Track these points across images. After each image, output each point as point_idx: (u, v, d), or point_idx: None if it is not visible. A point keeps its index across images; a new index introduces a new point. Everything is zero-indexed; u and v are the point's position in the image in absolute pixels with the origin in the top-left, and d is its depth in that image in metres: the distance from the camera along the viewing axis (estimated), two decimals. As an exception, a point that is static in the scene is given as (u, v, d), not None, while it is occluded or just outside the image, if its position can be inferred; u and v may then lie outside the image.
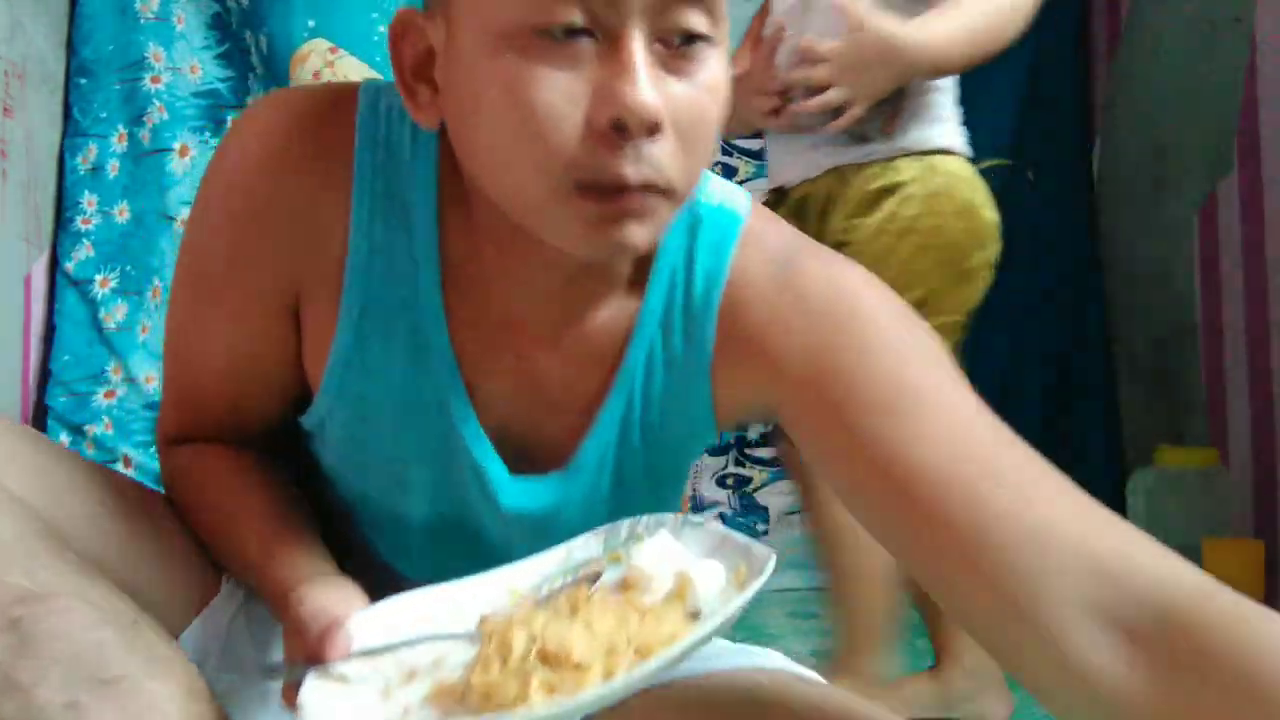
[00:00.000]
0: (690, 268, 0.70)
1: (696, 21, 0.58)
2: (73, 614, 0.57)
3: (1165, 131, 2.25)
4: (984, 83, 2.63)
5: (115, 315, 2.35)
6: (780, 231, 0.71)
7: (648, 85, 0.56)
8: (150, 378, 2.33)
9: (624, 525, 0.63)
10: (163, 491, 0.78)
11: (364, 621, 0.58)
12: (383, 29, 2.38)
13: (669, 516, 0.63)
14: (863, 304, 0.66)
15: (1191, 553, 1.85)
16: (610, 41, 0.57)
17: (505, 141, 0.58)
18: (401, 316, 0.68)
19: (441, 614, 0.59)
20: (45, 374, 2.32)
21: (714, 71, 0.60)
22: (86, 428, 2.29)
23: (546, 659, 0.51)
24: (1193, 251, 2.16)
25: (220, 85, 2.44)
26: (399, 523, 0.75)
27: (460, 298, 0.68)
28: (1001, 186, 2.54)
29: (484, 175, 0.62)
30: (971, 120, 2.54)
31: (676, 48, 0.58)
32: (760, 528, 2.40)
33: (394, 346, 0.68)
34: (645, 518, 0.64)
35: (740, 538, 0.60)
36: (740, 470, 2.45)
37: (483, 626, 0.55)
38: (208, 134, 2.44)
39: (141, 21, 2.40)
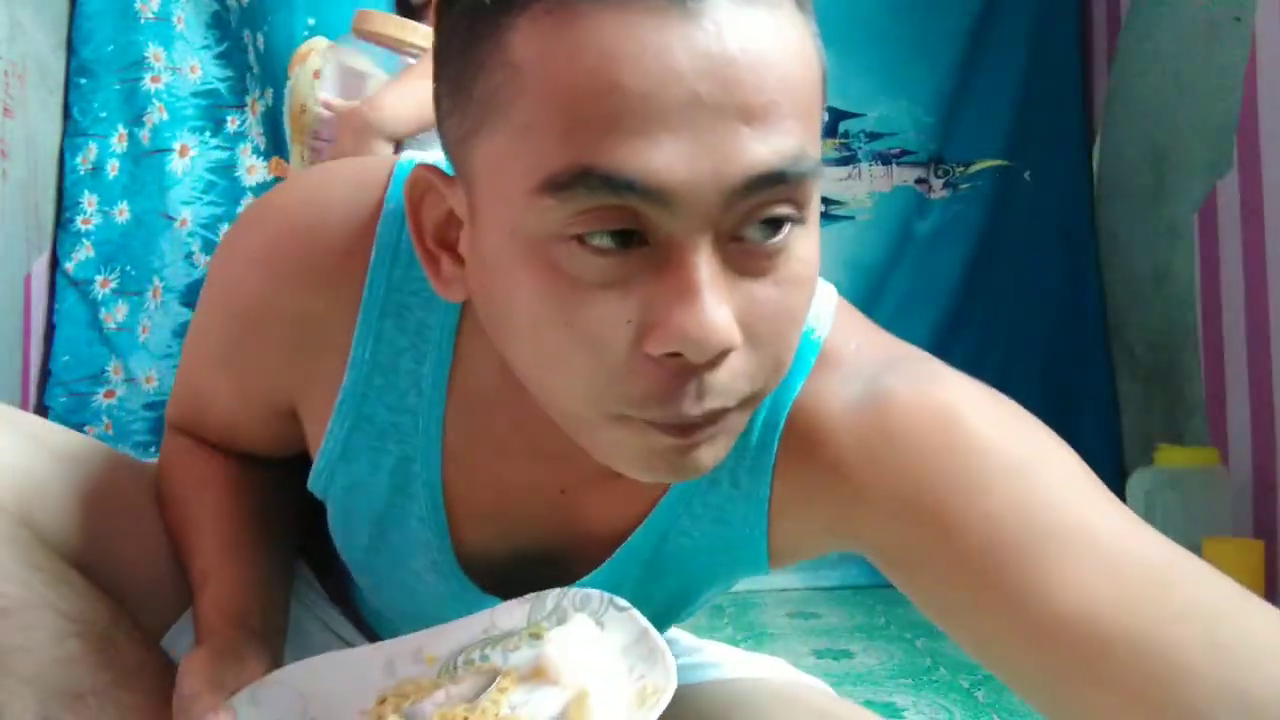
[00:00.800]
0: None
1: (782, 209, 0.46)
2: (42, 629, 0.56)
3: (1165, 131, 2.25)
4: (983, 83, 2.64)
5: (115, 315, 2.35)
6: (861, 339, 0.61)
7: (716, 306, 0.44)
8: (150, 378, 2.33)
9: (551, 596, 0.58)
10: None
11: (251, 699, 0.56)
12: (383, 29, 2.38)
13: (595, 594, 0.56)
14: (966, 426, 0.55)
15: (1191, 552, 1.85)
16: (668, 249, 0.45)
17: (543, 360, 0.48)
18: (393, 441, 0.63)
19: (343, 681, 0.56)
20: (45, 374, 2.32)
21: (803, 256, 0.48)
22: (86, 428, 2.29)
23: None
24: (1193, 251, 2.16)
25: (220, 85, 2.45)
26: (378, 591, 0.71)
27: (462, 435, 0.62)
28: (1000, 187, 2.55)
29: (523, 378, 0.52)
30: (970, 121, 2.56)
31: (756, 243, 0.46)
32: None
33: (380, 468, 0.63)
34: (573, 591, 0.57)
35: (657, 640, 0.53)
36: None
37: (374, 709, 0.54)
38: (208, 134, 2.44)
39: (141, 21, 2.40)
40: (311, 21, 2.34)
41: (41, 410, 2.30)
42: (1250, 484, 1.94)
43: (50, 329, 2.34)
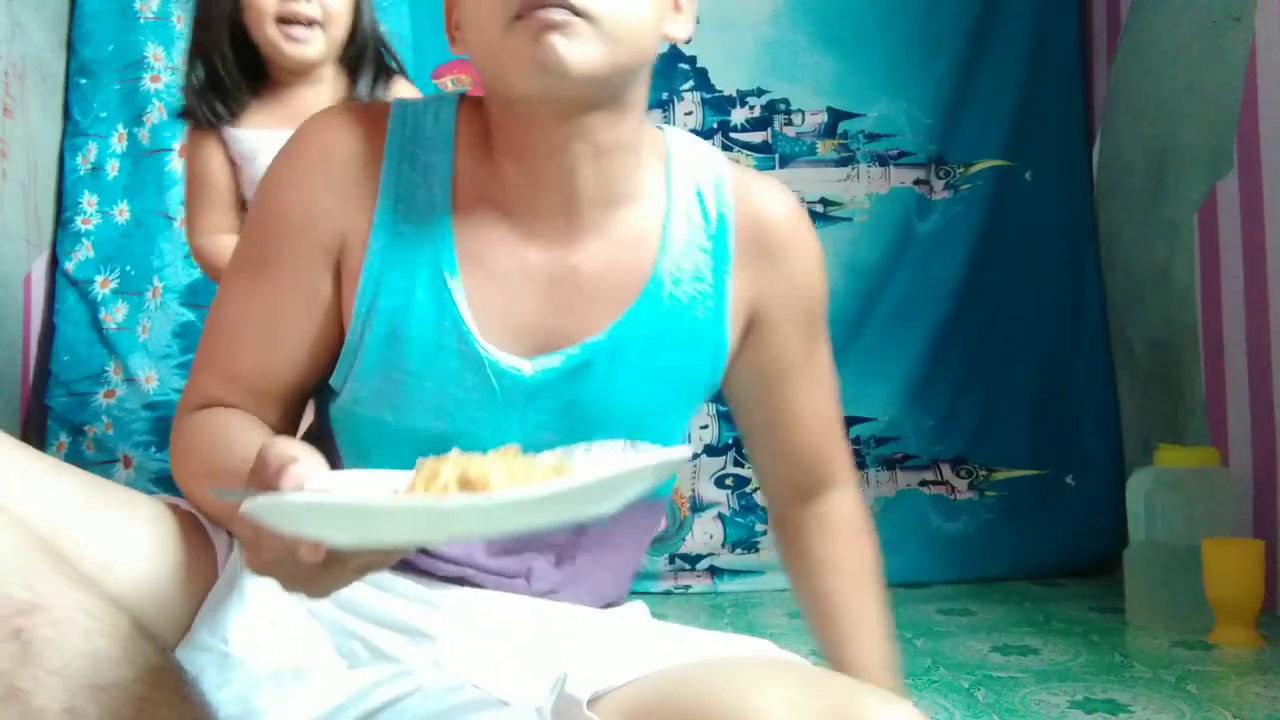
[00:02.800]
0: (697, 187, 0.86)
1: None
2: (72, 624, 0.61)
3: (1165, 131, 2.25)
4: (983, 84, 2.65)
5: (115, 316, 2.35)
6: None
7: None
8: (150, 378, 2.33)
9: (579, 447, 0.67)
10: (160, 495, 0.82)
11: (323, 479, 0.60)
12: (383, 29, 2.38)
13: (620, 442, 0.67)
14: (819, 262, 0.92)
15: (1192, 553, 1.85)
16: None
17: (470, 12, 0.76)
18: (420, 248, 0.80)
19: (401, 485, 0.62)
20: (45, 374, 2.32)
21: None
22: (86, 428, 2.29)
23: (465, 485, 0.56)
24: (1193, 251, 2.16)
25: (220, 85, 2.44)
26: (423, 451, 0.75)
27: (470, 235, 0.81)
28: (1000, 188, 2.55)
29: (476, 59, 0.79)
30: (970, 121, 2.56)
31: None
32: (759, 528, 2.40)
33: (415, 272, 0.80)
34: (600, 444, 0.67)
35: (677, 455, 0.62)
36: (739, 470, 2.45)
37: (420, 462, 0.59)
38: (208, 134, 2.44)
39: (141, 21, 2.40)
40: (311, 22, 2.34)
41: (41, 411, 2.30)
42: (1250, 484, 1.94)
43: (50, 329, 2.34)
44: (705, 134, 2.50)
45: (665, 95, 2.50)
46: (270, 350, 0.81)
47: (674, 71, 2.51)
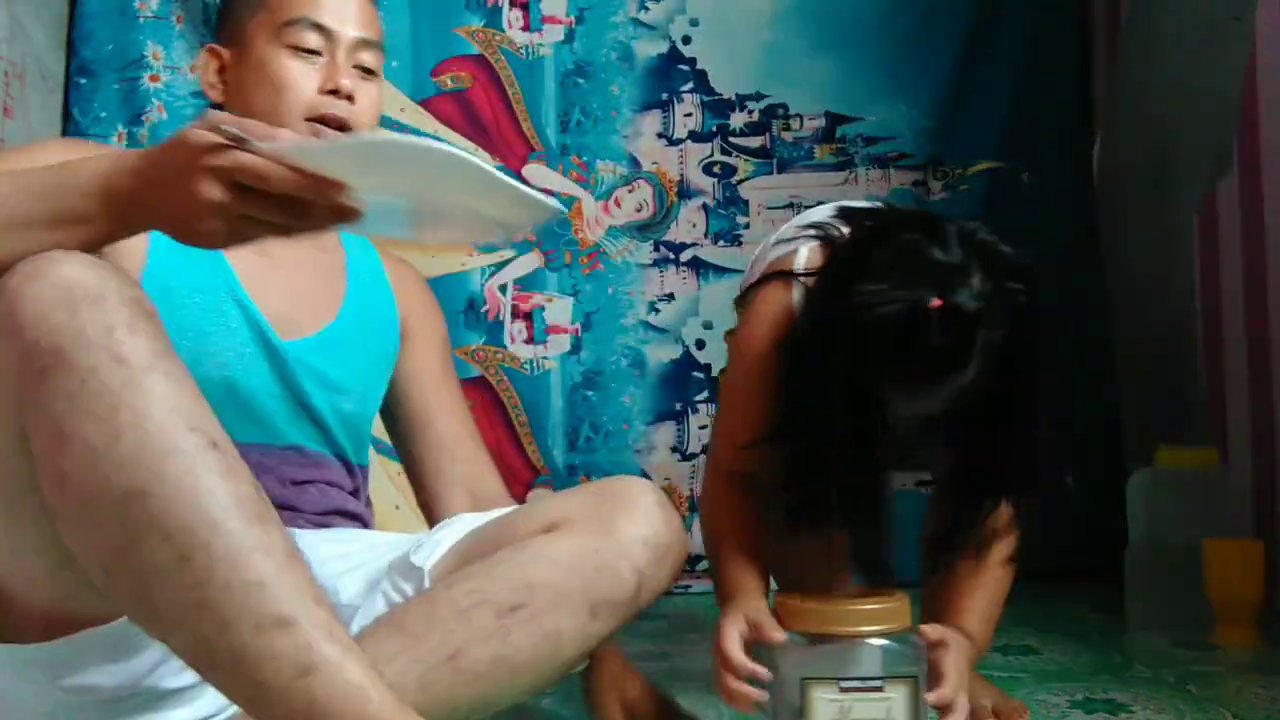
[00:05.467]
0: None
1: (368, 59, 1.25)
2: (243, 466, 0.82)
3: (1165, 131, 2.25)
4: (982, 84, 2.64)
5: (115, 315, 2.35)
6: None
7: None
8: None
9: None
10: None
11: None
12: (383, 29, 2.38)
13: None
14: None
15: (1192, 553, 1.84)
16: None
17: (268, 96, 1.20)
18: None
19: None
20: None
21: (378, 90, 1.27)
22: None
23: None
24: (1193, 251, 2.16)
25: (220, 85, 2.44)
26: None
27: None
28: (999, 188, 2.55)
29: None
30: (969, 122, 2.56)
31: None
32: (760, 528, 2.40)
33: (194, 257, 1.03)
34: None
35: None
36: (740, 470, 2.45)
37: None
38: (207, 134, 2.44)
39: (140, 20, 2.40)
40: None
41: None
42: (1250, 484, 1.94)
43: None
44: (704, 137, 2.50)
45: (665, 96, 2.49)
46: None
47: (674, 73, 2.50)
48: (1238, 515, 1.92)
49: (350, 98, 1.20)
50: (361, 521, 1.27)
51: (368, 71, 1.24)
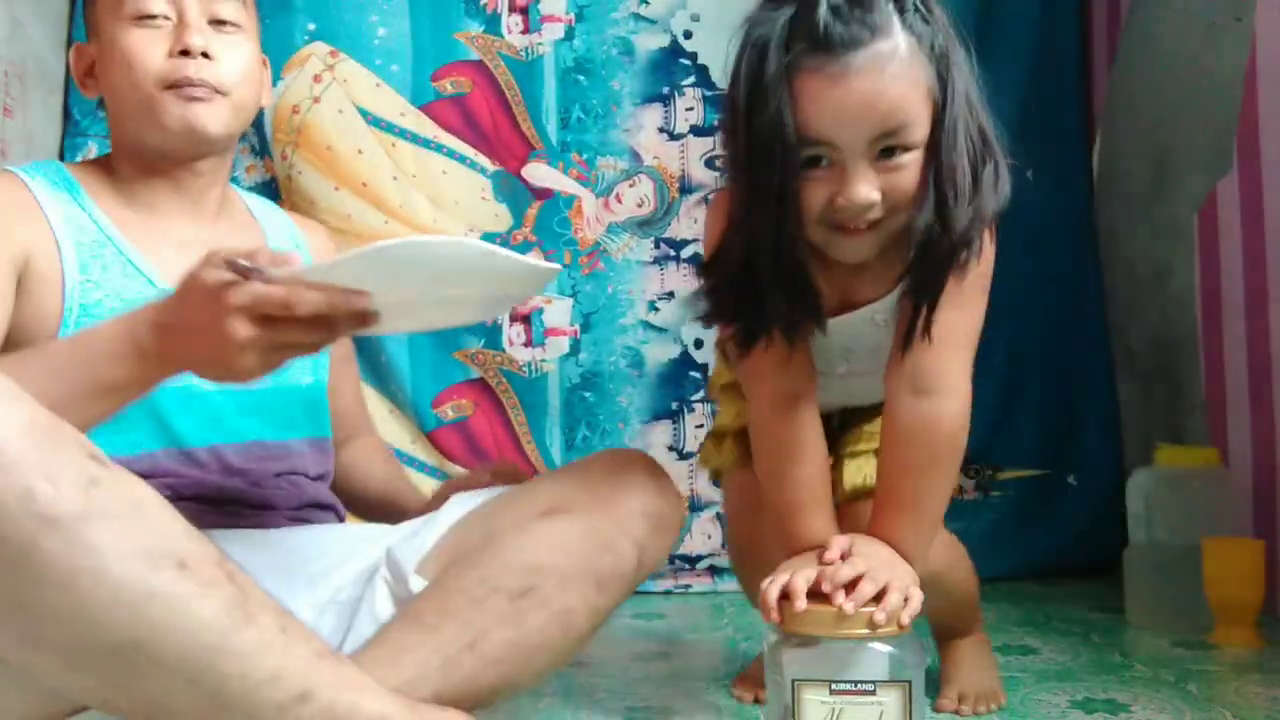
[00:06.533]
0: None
1: (226, 11, 1.17)
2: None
3: (1165, 131, 2.25)
4: (984, 83, 2.64)
5: (115, 315, 2.35)
6: None
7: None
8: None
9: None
10: None
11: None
12: (383, 32, 2.38)
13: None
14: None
15: (1192, 553, 1.85)
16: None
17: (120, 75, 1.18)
18: (102, 249, 1.13)
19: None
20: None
21: (243, 40, 1.20)
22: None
23: None
24: (1193, 251, 2.16)
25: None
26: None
27: (132, 230, 1.17)
28: (1001, 186, 2.54)
29: (120, 113, 1.19)
30: (971, 120, 2.55)
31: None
32: (760, 528, 2.40)
33: (108, 264, 1.12)
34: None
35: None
36: (740, 470, 2.45)
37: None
38: (207, 134, 2.44)
39: (140, 21, 2.40)
40: (312, 27, 2.34)
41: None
42: (1250, 484, 1.94)
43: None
44: (705, 131, 2.49)
45: (666, 90, 2.49)
46: None
47: (675, 67, 2.50)
48: (1238, 515, 1.91)
49: (205, 54, 1.13)
50: (335, 512, 1.29)
51: (225, 24, 1.17)
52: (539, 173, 2.43)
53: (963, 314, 1.15)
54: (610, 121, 2.46)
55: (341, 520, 1.31)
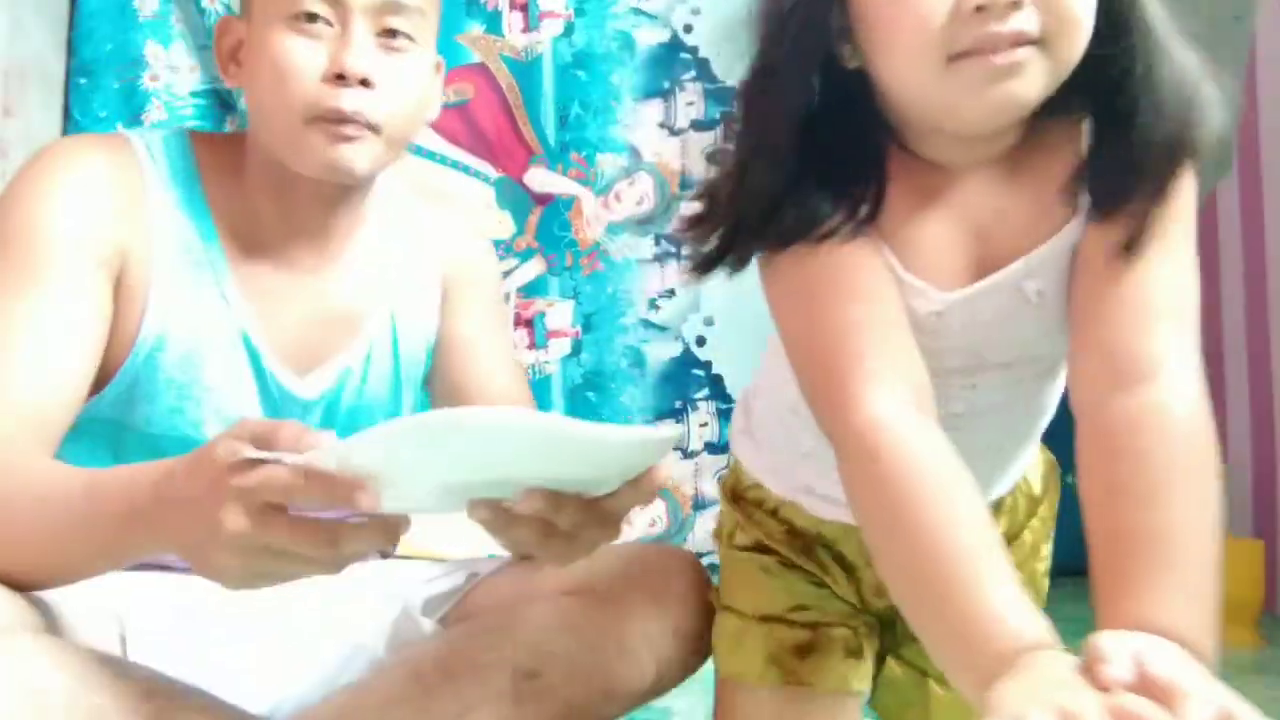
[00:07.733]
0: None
1: (399, 23, 0.89)
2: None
3: (1165, 131, 2.25)
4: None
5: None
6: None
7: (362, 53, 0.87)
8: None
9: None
10: None
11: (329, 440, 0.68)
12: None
13: None
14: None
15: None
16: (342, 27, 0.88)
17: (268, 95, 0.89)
18: (200, 272, 0.92)
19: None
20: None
21: (414, 62, 0.91)
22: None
23: None
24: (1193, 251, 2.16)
25: (218, 84, 2.44)
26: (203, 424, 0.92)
27: (241, 254, 0.94)
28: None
29: (259, 124, 0.93)
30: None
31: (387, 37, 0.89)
32: (761, 527, 2.40)
33: (200, 296, 0.91)
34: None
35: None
36: (741, 469, 2.45)
37: None
38: (207, 133, 2.44)
39: (139, 20, 2.39)
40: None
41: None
42: (1250, 484, 1.95)
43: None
44: (707, 125, 2.49)
45: (667, 85, 2.48)
46: (46, 368, 0.83)
47: (675, 61, 2.49)
48: (1238, 515, 1.92)
49: (365, 82, 0.87)
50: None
51: (397, 34, 0.90)
52: (539, 178, 2.43)
53: (1176, 267, 0.76)
54: (610, 117, 2.45)
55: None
